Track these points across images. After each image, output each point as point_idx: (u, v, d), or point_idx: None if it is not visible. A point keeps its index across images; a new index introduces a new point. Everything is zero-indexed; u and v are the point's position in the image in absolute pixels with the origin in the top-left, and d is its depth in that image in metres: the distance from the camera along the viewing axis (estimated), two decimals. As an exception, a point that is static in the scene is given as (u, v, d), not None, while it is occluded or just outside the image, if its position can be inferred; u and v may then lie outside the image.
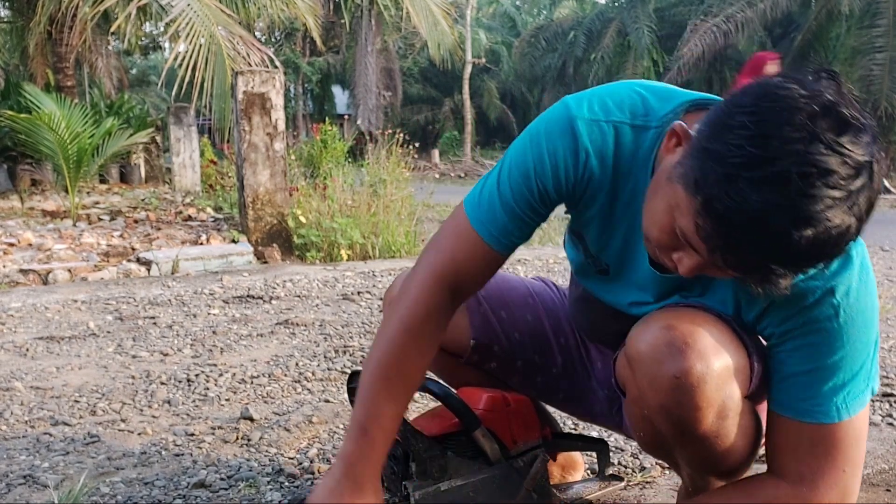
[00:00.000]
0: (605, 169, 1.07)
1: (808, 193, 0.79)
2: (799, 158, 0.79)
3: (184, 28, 7.21)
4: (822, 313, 1.00)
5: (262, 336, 3.13)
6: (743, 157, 0.81)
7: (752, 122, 0.82)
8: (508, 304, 1.43)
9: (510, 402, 1.37)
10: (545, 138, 1.08)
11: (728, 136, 0.83)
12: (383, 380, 1.12)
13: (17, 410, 2.22)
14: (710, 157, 0.85)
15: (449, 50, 16.36)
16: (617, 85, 1.11)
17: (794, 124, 0.80)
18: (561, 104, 1.10)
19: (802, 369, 1.04)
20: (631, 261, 1.16)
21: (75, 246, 5.42)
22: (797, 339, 1.03)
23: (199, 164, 10.29)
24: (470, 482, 1.30)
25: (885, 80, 16.34)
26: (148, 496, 1.63)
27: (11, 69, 14.99)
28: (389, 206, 5.86)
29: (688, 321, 1.04)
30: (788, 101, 0.81)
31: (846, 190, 0.80)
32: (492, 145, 29.34)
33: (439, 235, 1.18)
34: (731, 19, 19.58)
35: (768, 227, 0.81)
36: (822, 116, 0.80)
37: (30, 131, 7.25)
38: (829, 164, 0.79)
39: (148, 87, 29.87)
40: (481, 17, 33.50)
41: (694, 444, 1.08)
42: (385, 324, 1.16)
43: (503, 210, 1.11)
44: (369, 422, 1.11)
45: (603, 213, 1.12)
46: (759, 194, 0.80)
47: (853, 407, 1.04)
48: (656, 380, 1.03)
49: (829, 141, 0.79)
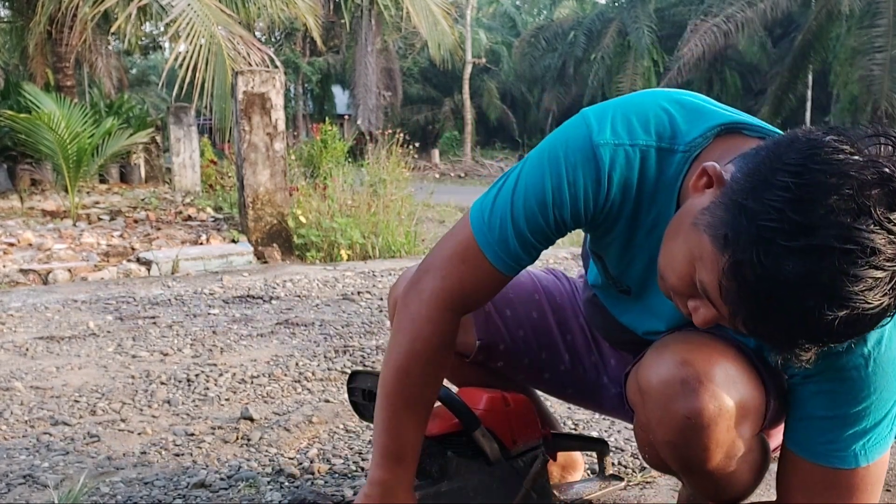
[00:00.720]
0: (628, 197, 1.00)
1: (849, 272, 0.73)
2: (843, 232, 0.72)
3: (184, 28, 7.22)
4: (851, 362, 0.95)
5: (262, 336, 3.13)
6: (782, 223, 0.74)
7: (796, 185, 0.75)
8: (513, 302, 1.41)
9: (510, 402, 1.37)
10: (565, 164, 0.99)
11: (768, 196, 0.76)
12: (405, 408, 1.15)
13: (17, 410, 2.21)
14: (745, 214, 0.78)
15: (449, 50, 16.37)
16: (643, 99, 1.01)
17: (842, 194, 0.73)
18: (582, 122, 1.00)
19: (824, 414, 0.99)
20: (652, 287, 1.09)
21: (75, 246, 5.42)
22: (822, 383, 0.98)
23: (199, 164, 10.28)
24: (470, 482, 1.30)
25: (885, 80, 16.35)
26: (148, 496, 1.63)
27: (11, 69, 14.98)
28: (389, 206, 5.86)
29: (705, 357, 1.00)
30: (839, 167, 0.74)
31: (890, 271, 0.74)
32: (492, 145, 29.37)
33: (444, 254, 1.12)
34: (731, 19, 19.59)
35: (800, 302, 0.75)
36: (875, 187, 0.73)
37: (30, 131, 7.26)
38: (875, 241, 0.72)
39: (148, 87, 29.85)
40: (481, 17, 33.50)
41: (699, 478, 1.07)
42: (397, 348, 1.14)
43: (516, 238, 1.04)
44: (402, 450, 1.15)
45: (623, 239, 1.07)
46: (795, 266, 0.74)
47: (873, 454, 1.00)
48: (666, 417, 1.00)
49: (878, 216, 0.73)
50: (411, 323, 1.12)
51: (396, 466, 1.15)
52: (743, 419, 1.00)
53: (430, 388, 1.17)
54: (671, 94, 1.01)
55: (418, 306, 1.11)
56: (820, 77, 20.85)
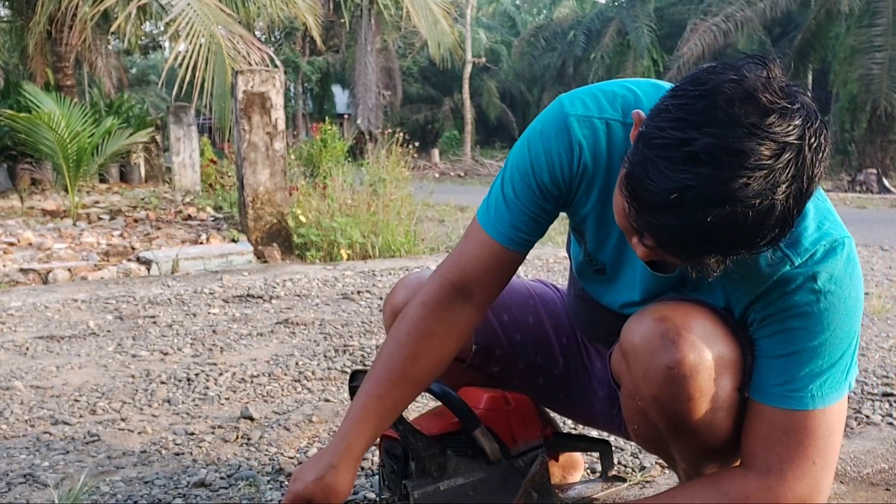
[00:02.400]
0: (599, 164, 1.10)
1: (720, 175, 0.81)
2: (713, 140, 0.81)
3: (184, 27, 7.21)
4: (803, 298, 1.00)
5: (261, 335, 3.13)
6: (664, 139, 0.84)
7: (675, 106, 0.85)
8: (510, 307, 1.44)
9: (511, 401, 1.37)
10: (541, 137, 1.12)
11: (656, 120, 0.86)
12: (388, 381, 1.16)
13: (18, 409, 2.22)
14: (640, 139, 0.88)
15: (449, 49, 16.35)
16: (612, 82, 1.13)
17: (714, 108, 0.82)
18: (556, 102, 1.13)
19: (781, 352, 1.03)
20: (626, 259, 1.17)
21: (75, 245, 5.42)
22: (776, 323, 1.03)
23: (199, 164, 10.28)
24: (469, 481, 1.30)
25: (884, 80, 16.36)
26: (148, 495, 1.63)
27: (11, 68, 14.98)
28: (389, 206, 5.86)
29: (681, 313, 1.05)
30: (711, 86, 0.84)
31: (765, 170, 0.81)
32: (491, 144, 29.35)
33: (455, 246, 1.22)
34: (731, 18, 19.58)
35: (683, 207, 0.83)
36: (744, 101, 0.82)
37: (29, 130, 7.25)
38: (744, 146, 0.80)
39: (148, 86, 29.85)
40: (481, 17, 33.49)
41: (687, 435, 1.09)
42: (394, 326, 1.21)
43: (507, 208, 1.14)
44: (363, 412, 1.16)
45: (598, 210, 1.14)
46: (674, 175, 0.82)
47: (829, 397, 1.03)
48: (650, 371, 1.04)
49: (748, 124, 0.81)
50: (416, 297, 1.22)
51: (343, 439, 1.15)
52: (723, 370, 1.04)
53: (415, 366, 1.18)
54: (640, 80, 1.12)
55: (425, 286, 1.21)
56: (819, 76, 20.84)
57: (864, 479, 1.73)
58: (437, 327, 1.18)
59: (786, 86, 0.85)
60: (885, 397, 2.29)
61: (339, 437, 1.16)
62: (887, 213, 9.82)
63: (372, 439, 1.17)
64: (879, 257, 5.50)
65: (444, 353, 1.20)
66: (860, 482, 1.71)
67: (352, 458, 1.15)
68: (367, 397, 1.17)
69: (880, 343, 2.97)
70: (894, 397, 2.29)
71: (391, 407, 1.18)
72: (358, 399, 1.18)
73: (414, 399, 1.23)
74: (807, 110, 0.84)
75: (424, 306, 1.19)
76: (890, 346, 2.94)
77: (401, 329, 1.19)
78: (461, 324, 1.20)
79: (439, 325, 1.18)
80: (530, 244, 1.17)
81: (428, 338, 1.18)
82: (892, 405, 2.23)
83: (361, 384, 1.18)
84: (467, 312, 1.20)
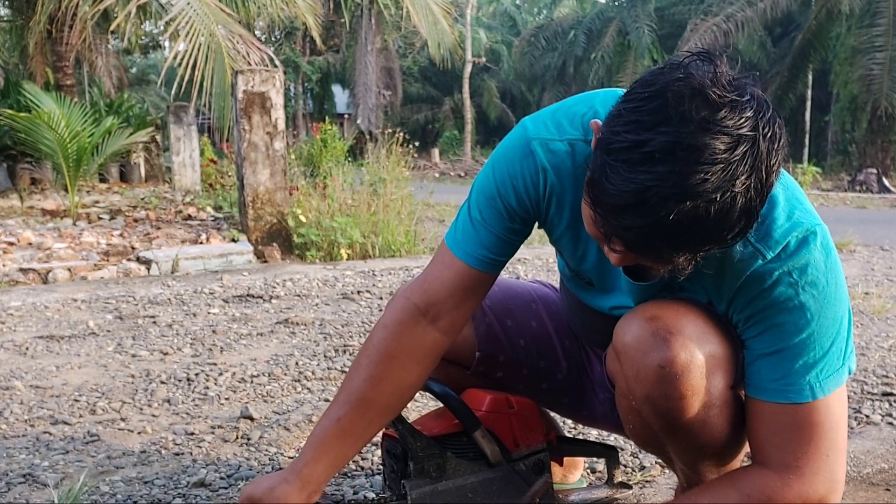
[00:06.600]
0: (566, 185, 1.10)
1: (677, 172, 0.81)
2: (668, 139, 0.81)
3: (183, 27, 7.21)
4: (784, 293, 1.00)
5: (261, 335, 3.13)
6: (620, 143, 0.84)
7: (628, 110, 0.86)
8: (513, 312, 1.43)
9: (513, 404, 1.36)
10: (505, 161, 1.13)
11: (611, 125, 0.87)
12: (346, 404, 1.16)
13: (17, 409, 2.22)
14: (598, 146, 0.89)
15: (449, 49, 16.32)
16: (571, 100, 1.14)
17: (664, 107, 0.83)
18: (520, 127, 1.14)
19: (771, 350, 1.03)
20: (609, 272, 1.17)
21: (75, 245, 5.42)
22: (762, 322, 1.03)
23: (198, 163, 10.27)
24: (468, 483, 1.30)
25: (884, 80, 16.36)
26: (148, 495, 1.63)
27: (11, 68, 14.97)
28: (389, 206, 5.86)
29: (672, 312, 1.05)
30: (661, 86, 0.84)
31: (721, 164, 0.81)
32: (492, 144, 29.29)
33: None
34: (731, 19, 19.58)
35: (645, 207, 0.83)
36: (693, 97, 0.82)
37: (29, 130, 7.24)
38: (699, 141, 0.81)
39: (148, 85, 29.84)
40: (481, 17, 33.49)
41: (681, 434, 1.09)
42: (360, 349, 1.21)
43: (475, 229, 1.15)
44: (323, 446, 1.15)
45: (573, 229, 1.14)
46: (633, 176, 0.83)
47: (827, 385, 1.02)
48: (642, 370, 1.05)
49: (699, 120, 0.81)
50: (380, 318, 1.22)
51: (313, 453, 1.14)
52: (715, 368, 1.04)
53: (377, 391, 1.16)
54: (600, 91, 1.12)
55: (387, 308, 1.20)
56: (820, 76, 20.84)
57: (864, 479, 1.73)
58: (398, 350, 1.17)
59: (734, 79, 0.86)
60: (885, 397, 2.29)
61: (298, 459, 1.16)
62: (887, 213, 9.82)
63: (334, 463, 1.16)
64: (879, 257, 5.50)
65: (406, 376, 1.18)
66: (860, 482, 1.71)
67: (307, 480, 1.14)
68: (326, 420, 1.16)
69: (880, 343, 2.97)
70: (894, 397, 2.29)
71: (348, 430, 1.15)
72: (318, 422, 1.17)
73: (381, 427, 1.21)
74: (757, 101, 0.85)
75: (385, 328, 1.18)
76: (890, 346, 2.94)
77: (362, 352, 1.19)
78: (424, 347, 1.18)
79: (400, 349, 1.17)
80: (499, 264, 1.17)
81: (388, 361, 1.17)
82: (892, 405, 2.23)
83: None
84: (431, 336, 1.18)
